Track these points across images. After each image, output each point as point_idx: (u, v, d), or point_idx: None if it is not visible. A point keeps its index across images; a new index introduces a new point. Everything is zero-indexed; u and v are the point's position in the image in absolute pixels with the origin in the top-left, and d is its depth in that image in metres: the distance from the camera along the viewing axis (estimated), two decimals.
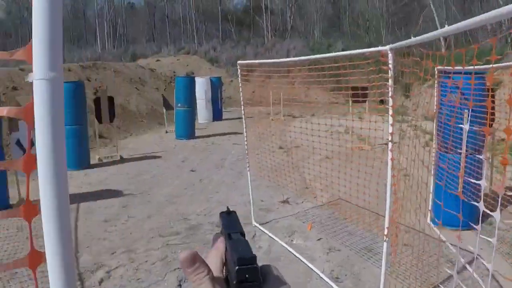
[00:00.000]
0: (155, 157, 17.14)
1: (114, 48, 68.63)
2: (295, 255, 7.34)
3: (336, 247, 7.71)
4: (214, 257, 0.89)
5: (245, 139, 9.29)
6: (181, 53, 54.54)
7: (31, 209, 0.94)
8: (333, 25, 70.83)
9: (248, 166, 9.27)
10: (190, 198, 11.22)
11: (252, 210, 9.01)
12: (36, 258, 0.99)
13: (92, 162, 16.14)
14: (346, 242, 7.99)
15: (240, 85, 9.37)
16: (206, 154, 17.26)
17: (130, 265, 7.39)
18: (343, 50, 47.88)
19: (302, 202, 10.35)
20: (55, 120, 0.86)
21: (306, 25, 70.53)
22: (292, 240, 8.07)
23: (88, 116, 16.84)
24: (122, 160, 16.69)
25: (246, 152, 9.33)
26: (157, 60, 46.29)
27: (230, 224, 0.94)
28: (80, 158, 15.46)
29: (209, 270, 0.82)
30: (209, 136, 22.05)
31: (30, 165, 0.92)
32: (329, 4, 72.87)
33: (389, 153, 5.32)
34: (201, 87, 26.86)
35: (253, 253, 0.79)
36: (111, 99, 17.19)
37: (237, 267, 0.77)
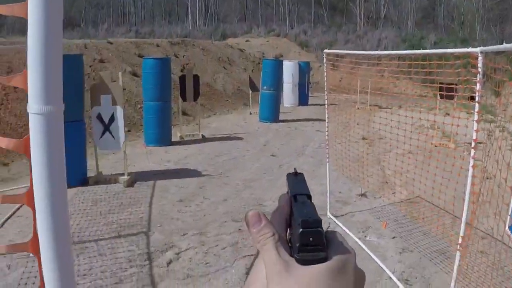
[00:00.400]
0: (237, 138, 17.18)
1: (205, 25, 69.23)
2: (367, 252, 7.16)
3: (409, 248, 7.49)
4: (278, 218, 0.84)
5: (327, 128, 9.13)
6: (271, 34, 54.51)
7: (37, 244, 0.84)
8: (427, 17, 69.38)
9: (328, 156, 9.11)
10: (268, 183, 11.17)
11: (328, 201, 8.86)
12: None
13: (173, 139, 16.31)
14: (420, 243, 7.75)
15: (325, 73, 9.21)
16: (288, 139, 17.17)
17: (200, 248, 7.39)
18: (435, 43, 46.84)
19: (380, 197, 10.12)
20: (51, 156, 0.76)
21: (400, 15, 69.33)
22: (365, 236, 7.90)
23: (172, 92, 16.97)
24: (204, 139, 16.81)
25: (327, 141, 9.17)
26: (247, 41, 46.40)
27: (297, 185, 0.88)
28: (161, 135, 15.67)
29: (275, 232, 0.78)
30: (293, 120, 21.93)
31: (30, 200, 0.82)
32: None
33: (472, 151, 5.11)
34: (289, 70, 26.71)
35: (319, 216, 0.75)
36: (196, 78, 17.31)
37: (301, 230, 0.73)
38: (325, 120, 9.17)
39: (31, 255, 6.53)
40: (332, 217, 8.66)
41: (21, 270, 6.59)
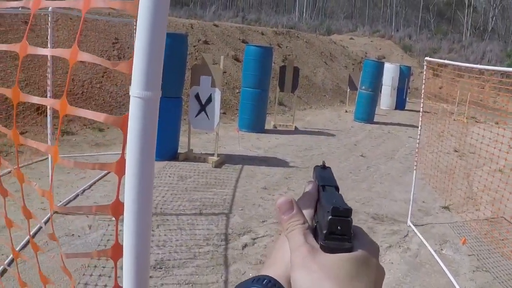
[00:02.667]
0: (329, 134, 17.18)
1: (311, 19, 69.04)
2: (441, 266, 7.08)
3: (484, 267, 7.34)
4: (305, 203, 0.88)
5: (419, 135, 9.04)
6: (375, 35, 53.86)
7: (119, 206, 0.96)
8: None
9: (416, 164, 9.02)
10: (353, 183, 11.15)
11: (410, 209, 8.79)
12: (118, 251, 1.01)
13: (266, 127, 16.48)
14: (496, 263, 7.57)
15: (423, 82, 9.12)
16: (380, 142, 17.05)
17: (276, 237, 7.48)
18: None
19: (464, 212, 9.94)
20: (146, 137, 0.87)
21: (508, 29, 67.00)
22: (442, 250, 7.79)
23: (271, 81, 17.13)
24: (296, 131, 16.90)
25: (417, 149, 9.08)
26: (351, 38, 46.08)
27: (325, 177, 0.91)
28: (256, 122, 15.86)
29: (305, 220, 0.81)
30: (387, 124, 21.72)
31: (122, 168, 0.93)
32: None
33: None
34: (389, 73, 26.40)
35: (349, 206, 0.76)
36: (296, 70, 17.41)
37: (330, 217, 0.75)
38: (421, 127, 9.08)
39: (112, 219, 6.84)
40: (412, 225, 8.59)
41: (101, 232, 6.91)
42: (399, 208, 9.59)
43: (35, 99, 1.19)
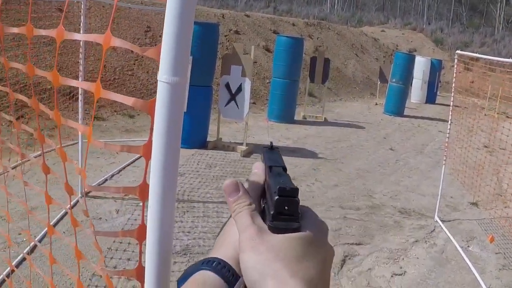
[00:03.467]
0: (358, 126, 17.13)
1: (343, 10, 68.71)
2: (466, 263, 7.04)
3: (511, 266, 7.29)
4: (252, 185, 0.88)
5: (448, 130, 8.98)
6: (407, 28, 53.37)
7: (146, 189, 1.00)
8: None
9: (446, 159, 8.97)
10: (381, 176, 11.13)
11: (437, 204, 8.74)
12: (143, 232, 1.05)
13: (295, 118, 16.50)
14: None
15: (454, 75, 9.05)
16: (409, 135, 16.95)
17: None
18: None
19: (492, 208, 9.85)
20: (172, 121, 0.91)
21: None
22: (468, 246, 7.74)
23: (302, 72, 17.12)
24: (326, 123, 16.88)
25: (446, 143, 9.03)
26: (382, 31, 45.73)
27: (272, 158, 0.91)
28: (285, 112, 15.90)
29: (252, 202, 0.81)
30: (417, 117, 21.55)
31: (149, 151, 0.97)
32: None
33: None
34: (420, 66, 26.15)
35: (296, 186, 0.76)
36: (327, 61, 17.38)
37: (277, 197, 0.74)
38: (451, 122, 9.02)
39: (139, 204, 6.93)
40: (439, 221, 8.54)
41: (127, 216, 7.02)
42: (426, 202, 9.55)
43: (73, 82, 1.24)
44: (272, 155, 0.93)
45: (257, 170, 0.92)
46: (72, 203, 6.94)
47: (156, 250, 0.99)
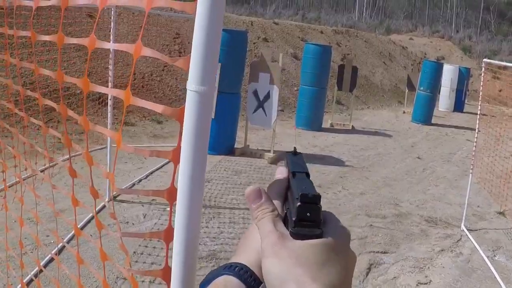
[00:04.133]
0: (385, 135, 17.07)
1: (371, 18, 68.37)
2: (492, 272, 6.99)
3: None
4: (275, 190, 0.89)
5: (475, 139, 8.93)
6: (435, 36, 52.96)
7: (174, 192, 1.04)
8: None
9: (473, 168, 8.91)
10: (408, 185, 11.09)
11: (464, 213, 8.69)
12: (171, 234, 1.10)
13: (323, 125, 16.50)
14: None
15: (481, 83, 9.00)
16: (437, 144, 16.85)
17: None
18: None
19: None
20: (200, 129, 0.95)
21: None
22: (494, 256, 7.68)
23: (329, 80, 17.13)
24: (353, 131, 16.86)
25: (473, 152, 8.97)
26: (410, 39, 45.50)
27: (296, 164, 0.90)
28: (313, 120, 15.92)
29: (274, 209, 0.82)
30: (445, 126, 21.40)
31: (178, 156, 1.02)
32: None
33: None
34: (448, 74, 25.95)
35: (318, 193, 0.76)
36: (355, 69, 17.40)
37: (299, 204, 0.75)
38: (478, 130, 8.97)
39: (166, 209, 6.99)
40: (465, 230, 8.49)
41: (154, 221, 7.10)
42: (453, 211, 9.49)
43: (103, 89, 1.28)
44: (296, 160, 0.93)
45: (280, 175, 0.92)
46: (99, 206, 7.05)
47: (182, 251, 1.03)
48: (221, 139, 10.97)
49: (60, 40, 1.47)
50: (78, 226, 2.00)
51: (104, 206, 7.13)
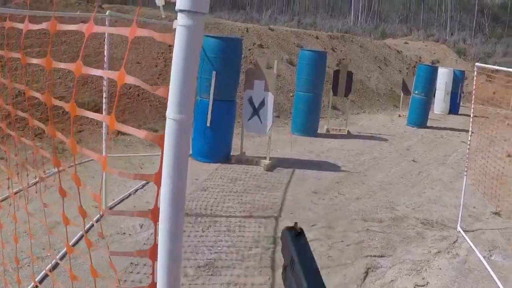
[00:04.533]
0: (381, 139, 17.11)
1: (366, 22, 68.62)
2: (489, 272, 7.03)
3: None
4: None
5: (469, 140, 8.98)
6: (430, 39, 53.20)
7: (157, 213, 1.09)
8: None
9: (467, 169, 8.96)
10: (403, 188, 11.13)
11: (460, 215, 8.73)
12: (156, 252, 1.15)
13: (319, 131, 16.55)
14: None
15: (473, 86, 9.07)
16: (432, 147, 16.90)
17: (325, 241, 7.54)
18: None
19: None
20: (178, 156, 1.00)
21: None
22: (491, 256, 7.73)
23: (325, 85, 17.18)
24: (349, 136, 16.89)
25: (467, 154, 9.02)
26: (405, 43, 45.62)
27: (300, 251, 0.82)
28: (308, 126, 15.96)
29: None
30: (440, 128, 21.44)
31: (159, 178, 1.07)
32: None
33: None
34: (443, 78, 26.01)
35: None
36: (350, 74, 17.45)
37: None
38: (473, 132, 9.02)
39: None
40: (461, 231, 8.53)
41: (151, 231, 7.09)
42: (449, 213, 9.54)
43: (92, 115, 1.33)
44: (300, 246, 0.86)
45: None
46: (95, 218, 7.07)
47: (166, 268, 1.07)
48: (217, 146, 11.03)
49: (48, 64, 1.52)
50: (72, 241, 2.04)
51: (99, 218, 7.15)
